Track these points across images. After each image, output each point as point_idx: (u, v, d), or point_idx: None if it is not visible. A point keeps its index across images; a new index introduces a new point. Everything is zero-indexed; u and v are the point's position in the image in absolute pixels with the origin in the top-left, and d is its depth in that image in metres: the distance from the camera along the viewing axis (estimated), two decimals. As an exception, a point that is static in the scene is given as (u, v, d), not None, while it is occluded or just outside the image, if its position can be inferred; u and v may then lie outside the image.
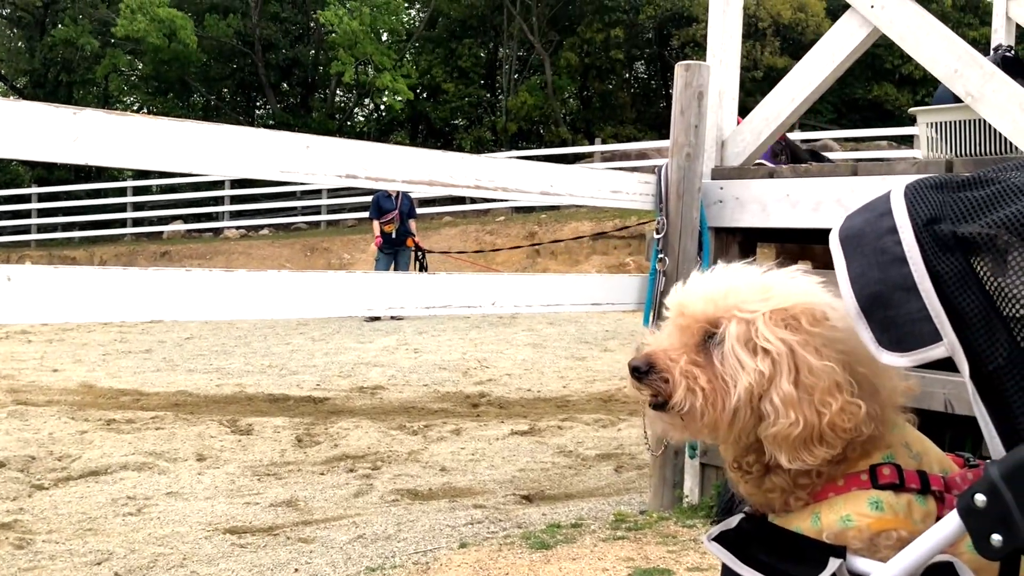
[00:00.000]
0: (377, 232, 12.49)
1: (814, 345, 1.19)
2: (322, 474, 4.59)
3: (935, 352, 1.05)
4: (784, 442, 1.18)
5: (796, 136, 20.26)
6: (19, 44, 29.64)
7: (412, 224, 12.59)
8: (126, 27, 23.82)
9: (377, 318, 12.08)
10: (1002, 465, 1.01)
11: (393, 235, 12.41)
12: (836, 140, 19.27)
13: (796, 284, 1.26)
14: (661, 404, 1.26)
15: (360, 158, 2.82)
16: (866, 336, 1.10)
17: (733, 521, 1.25)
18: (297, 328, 11.35)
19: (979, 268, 1.04)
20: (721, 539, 1.22)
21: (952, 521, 1.06)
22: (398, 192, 12.22)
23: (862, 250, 1.09)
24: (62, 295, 2.29)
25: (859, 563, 1.13)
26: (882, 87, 26.52)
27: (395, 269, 12.44)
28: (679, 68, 3.80)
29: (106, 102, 29.05)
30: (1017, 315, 1.02)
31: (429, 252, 12.77)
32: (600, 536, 3.27)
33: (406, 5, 30.04)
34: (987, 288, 1.03)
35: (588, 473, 4.68)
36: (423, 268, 12.29)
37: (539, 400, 6.80)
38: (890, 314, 1.06)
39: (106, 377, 7.63)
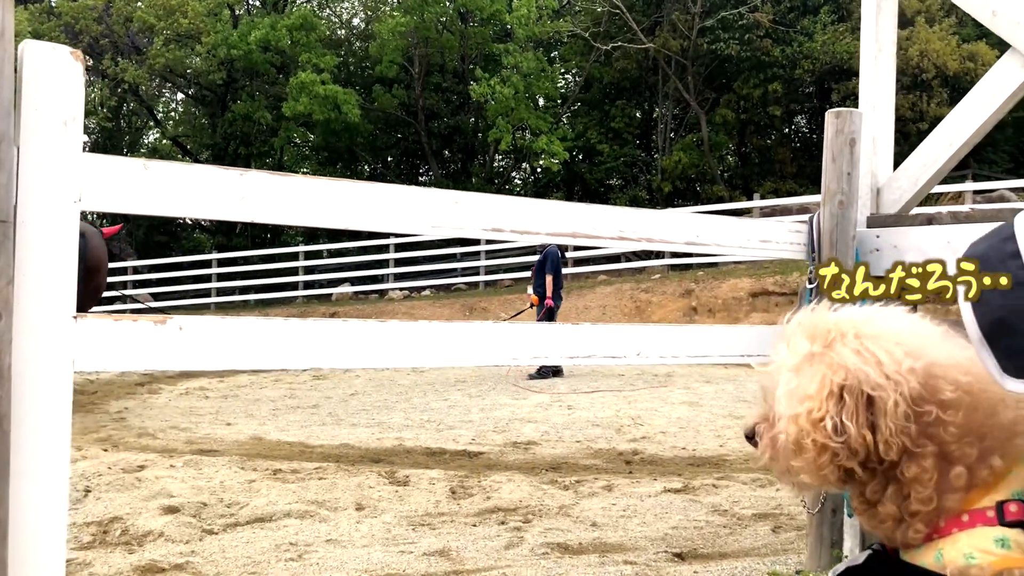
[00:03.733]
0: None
1: (816, 364, 1.26)
2: (474, 525, 4.65)
3: None
4: (789, 455, 1.24)
5: (969, 187, 19.32)
6: (203, 121, 31.98)
7: (548, 280, 12.43)
8: (292, 107, 25.40)
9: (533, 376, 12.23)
10: None
11: (530, 291, 12.83)
12: (1013, 190, 18.25)
13: (832, 315, 1.35)
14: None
15: (505, 212, 2.91)
16: (989, 363, 1.06)
17: (860, 557, 1.22)
18: (455, 385, 11.58)
19: None
20: (848, 575, 1.19)
21: None
22: (543, 247, 12.48)
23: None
24: (228, 344, 2.45)
25: (986, 599, 1.08)
26: (1063, 133, 25.01)
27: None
28: (829, 115, 3.74)
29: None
30: None
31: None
32: (752, 594, 3.17)
33: (561, 72, 30.69)
34: None
35: (744, 533, 4.54)
36: None
37: (694, 458, 6.67)
38: (1014, 340, 1.02)
39: (275, 430, 8.00)
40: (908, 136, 20.48)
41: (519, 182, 33.17)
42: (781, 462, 1.30)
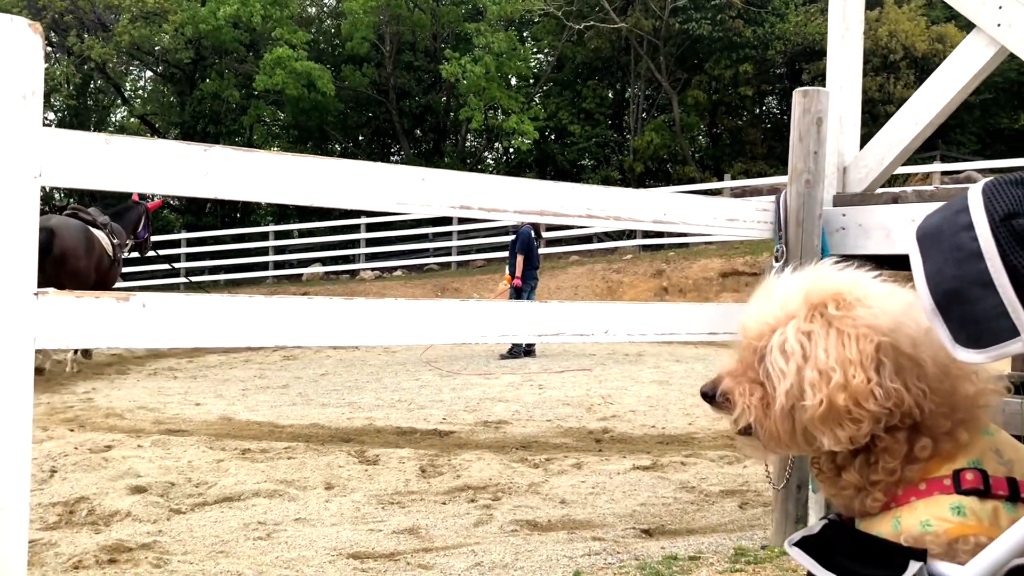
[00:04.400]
0: None
1: (838, 327, 1.20)
2: (444, 504, 4.66)
3: (1012, 348, 1.01)
4: (817, 424, 1.19)
5: (938, 167, 19.49)
6: (171, 99, 31.59)
7: (518, 260, 12.41)
8: (265, 82, 25.13)
9: (506, 355, 12.29)
10: None
11: (506, 271, 12.86)
12: (980, 171, 18.45)
13: (834, 276, 1.30)
14: (743, 430, 1.30)
15: (472, 189, 2.90)
16: (942, 333, 1.08)
17: (816, 527, 1.23)
18: (427, 365, 11.58)
19: None
20: (803, 544, 1.21)
21: None
22: (516, 227, 12.49)
23: (939, 247, 1.07)
24: (193, 321, 2.43)
25: (940, 567, 1.10)
26: (1029, 115, 25.26)
27: None
28: (797, 94, 3.76)
29: (250, 152, 30.58)
30: None
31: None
32: (718, 569, 3.21)
33: (534, 51, 30.59)
34: None
35: (711, 509, 4.59)
36: None
37: (663, 436, 6.72)
38: (967, 310, 1.04)
39: (244, 411, 7.96)
40: (876, 118, 20.60)
41: (491, 162, 33.10)
42: (774, 425, 1.24)
